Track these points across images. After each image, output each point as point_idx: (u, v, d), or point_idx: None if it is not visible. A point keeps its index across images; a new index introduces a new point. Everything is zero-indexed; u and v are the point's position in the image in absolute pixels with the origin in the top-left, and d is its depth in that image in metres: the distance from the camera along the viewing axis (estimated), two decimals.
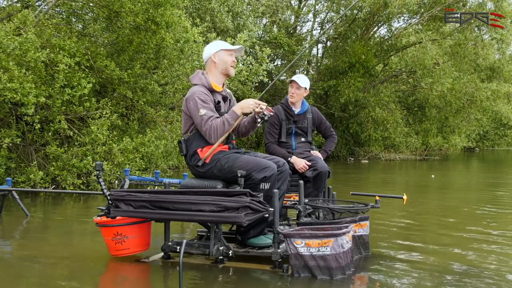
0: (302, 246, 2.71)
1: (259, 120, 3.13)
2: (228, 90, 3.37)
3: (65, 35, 7.91)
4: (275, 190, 2.95)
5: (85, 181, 7.01)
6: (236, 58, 3.29)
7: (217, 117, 3.05)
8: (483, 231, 4.28)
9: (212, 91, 3.16)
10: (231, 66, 3.21)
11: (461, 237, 4.05)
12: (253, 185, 2.94)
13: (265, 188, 2.97)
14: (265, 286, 2.71)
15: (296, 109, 4.08)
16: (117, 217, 3.01)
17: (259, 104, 3.03)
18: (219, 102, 3.17)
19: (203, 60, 3.28)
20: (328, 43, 21.24)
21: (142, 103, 9.05)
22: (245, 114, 3.06)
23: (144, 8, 8.04)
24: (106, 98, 8.09)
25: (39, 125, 6.73)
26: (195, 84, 3.17)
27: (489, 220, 4.96)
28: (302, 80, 4.02)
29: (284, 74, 18.58)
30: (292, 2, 20.17)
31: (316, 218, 3.50)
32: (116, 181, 7.22)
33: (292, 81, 4.04)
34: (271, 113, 3.12)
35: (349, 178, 10.67)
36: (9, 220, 4.87)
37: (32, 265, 3.15)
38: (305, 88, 4.03)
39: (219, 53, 3.19)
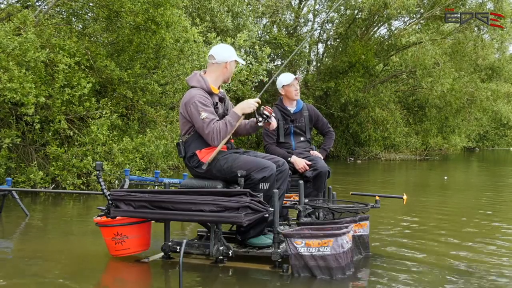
0: (302, 246, 2.72)
1: (260, 119, 3.15)
2: (222, 90, 3.38)
3: (65, 35, 7.91)
4: (275, 190, 2.95)
5: (85, 181, 7.01)
6: None
7: (218, 120, 3.05)
8: (483, 231, 4.28)
9: (210, 93, 3.16)
10: (231, 76, 3.31)
11: (461, 236, 4.05)
12: (252, 185, 2.94)
13: (265, 188, 2.97)
14: (265, 286, 2.71)
15: (292, 108, 4.08)
16: (117, 217, 3.01)
17: (259, 103, 3.08)
18: (216, 103, 3.18)
19: (214, 58, 3.21)
20: (329, 43, 21.25)
21: (142, 103, 9.04)
22: (245, 114, 3.08)
23: (144, 8, 8.03)
24: (106, 98, 8.08)
25: (39, 125, 6.73)
26: (193, 86, 3.16)
27: (489, 219, 4.96)
28: (291, 78, 4.04)
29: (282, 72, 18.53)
30: (292, 2, 20.17)
31: (316, 218, 3.50)
32: (116, 181, 7.22)
33: (294, 79, 4.02)
34: (272, 114, 3.16)
35: (349, 178, 10.67)
36: (9, 220, 4.87)
37: (32, 265, 3.14)
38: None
39: (232, 62, 3.23)
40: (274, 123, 3.24)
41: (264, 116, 3.14)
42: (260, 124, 3.18)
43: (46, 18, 7.74)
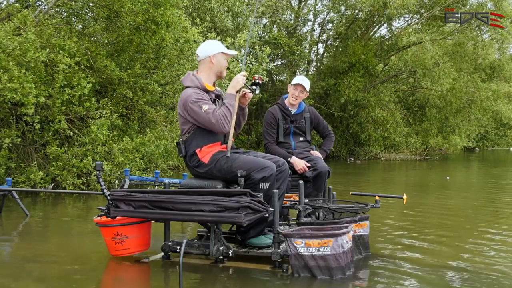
0: (302, 246, 2.71)
1: (254, 87, 3.18)
2: (219, 88, 3.37)
3: (65, 35, 7.91)
4: (275, 190, 2.95)
5: (85, 181, 7.01)
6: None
7: (219, 108, 3.06)
8: (482, 231, 4.28)
9: (205, 91, 3.16)
10: (224, 69, 3.25)
11: (461, 236, 4.05)
12: (252, 185, 2.94)
13: (265, 188, 2.97)
14: (265, 286, 2.71)
15: (293, 109, 4.08)
16: (117, 217, 3.01)
17: (246, 76, 3.12)
18: (214, 100, 3.18)
19: (198, 56, 3.23)
20: (329, 43, 21.25)
21: (142, 103, 9.04)
22: (239, 91, 3.12)
23: (144, 8, 8.03)
24: (106, 98, 8.08)
25: (39, 125, 6.73)
26: (188, 86, 3.16)
27: (489, 219, 4.96)
28: (307, 83, 4.02)
29: (284, 74, 18.59)
30: (292, 2, 20.17)
31: (316, 218, 3.50)
32: (116, 181, 7.22)
33: (298, 84, 3.99)
34: (262, 79, 3.22)
35: (349, 178, 10.67)
36: (9, 220, 4.87)
37: (32, 265, 3.15)
38: (307, 91, 4.06)
39: (217, 55, 3.19)
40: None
41: (257, 84, 3.18)
42: (257, 92, 3.20)
43: (46, 18, 7.74)
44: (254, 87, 3.18)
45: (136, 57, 8.95)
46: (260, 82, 3.20)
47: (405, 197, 3.77)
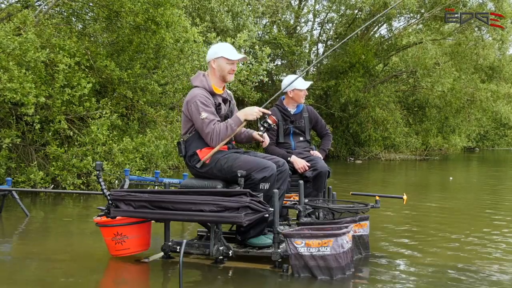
0: (302, 246, 2.71)
1: (261, 128, 3.17)
2: (229, 92, 3.38)
3: (65, 35, 7.91)
4: (275, 190, 2.95)
5: (85, 181, 7.00)
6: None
7: (219, 121, 3.06)
8: (483, 231, 4.28)
9: (212, 93, 3.16)
10: (229, 74, 3.21)
11: (460, 237, 4.05)
12: (252, 185, 2.94)
13: (265, 188, 2.97)
14: (265, 286, 2.72)
15: (292, 109, 4.09)
16: (117, 217, 3.01)
17: (263, 112, 3.09)
18: (219, 104, 3.18)
19: (206, 60, 3.29)
20: (329, 43, 21.23)
21: (142, 103, 9.04)
22: (248, 121, 3.10)
23: (144, 8, 8.04)
24: (106, 98, 8.08)
25: (39, 125, 6.73)
26: (196, 86, 3.17)
27: (490, 219, 4.97)
28: (307, 84, 4.06)
29: (284, 74, 18.58)
30: (292, 2, 20.16)
31: (316, 218, 3.50)
32: (116, 181, 7.22)
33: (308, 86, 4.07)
34: (274, 124, 3.19)
35: (349, 178, 10.67)
36: (9, 220, 4.87)
37: (32, 265, 3.15)
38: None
39: (219, 59, 3.18)
40: (267, 141, 3.31)
41: (266, 125, 3.15)
42: (260, 132, 3.20)
43: (46, 18, 7.74)
44: (262, 128, 3.16)
45: (136, 57, 8.95)
46: (271, 123, 3.16)
47: (405, 197, 3.77)
